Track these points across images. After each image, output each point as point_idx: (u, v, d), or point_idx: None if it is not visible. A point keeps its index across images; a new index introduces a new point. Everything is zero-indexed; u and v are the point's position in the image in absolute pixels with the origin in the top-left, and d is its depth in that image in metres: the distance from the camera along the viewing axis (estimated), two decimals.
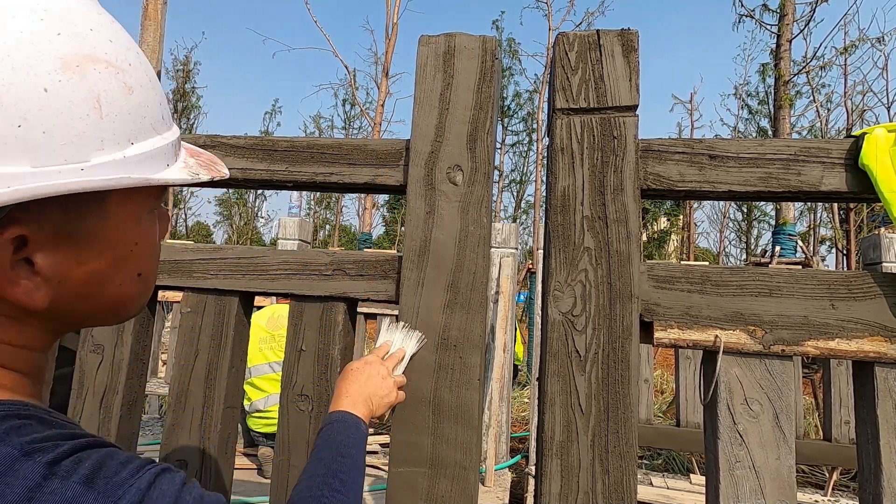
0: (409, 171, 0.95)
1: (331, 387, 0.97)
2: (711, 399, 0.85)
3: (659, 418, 6.03)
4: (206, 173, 0.50)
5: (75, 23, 0.40)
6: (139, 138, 0.44)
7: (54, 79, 0.38)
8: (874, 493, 0.81)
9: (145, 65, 0.46)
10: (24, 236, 0.40)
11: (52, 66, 0.38)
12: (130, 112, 0.43)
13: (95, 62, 0.40)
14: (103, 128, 0.41)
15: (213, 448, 0.99)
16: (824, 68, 11.97)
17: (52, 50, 0.38)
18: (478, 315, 0.90)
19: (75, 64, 0.39)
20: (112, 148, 0.41)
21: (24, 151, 0.37)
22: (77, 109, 0.39)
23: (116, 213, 0.45)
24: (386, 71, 14.01)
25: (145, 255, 0.50)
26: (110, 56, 0.42)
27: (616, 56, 0.90)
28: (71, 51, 0.39)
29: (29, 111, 0.37)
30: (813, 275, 0.84)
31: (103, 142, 0.41)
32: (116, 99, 0.42)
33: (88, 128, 0.39)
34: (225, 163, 1.04)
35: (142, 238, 0.49)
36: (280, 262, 1.01)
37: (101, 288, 0.47)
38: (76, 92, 0.39)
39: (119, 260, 0.47)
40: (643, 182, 0.89)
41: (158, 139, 0.46)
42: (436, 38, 0.98)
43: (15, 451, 0.38)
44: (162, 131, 0.47)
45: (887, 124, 0.84)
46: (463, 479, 0.86)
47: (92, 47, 0.40)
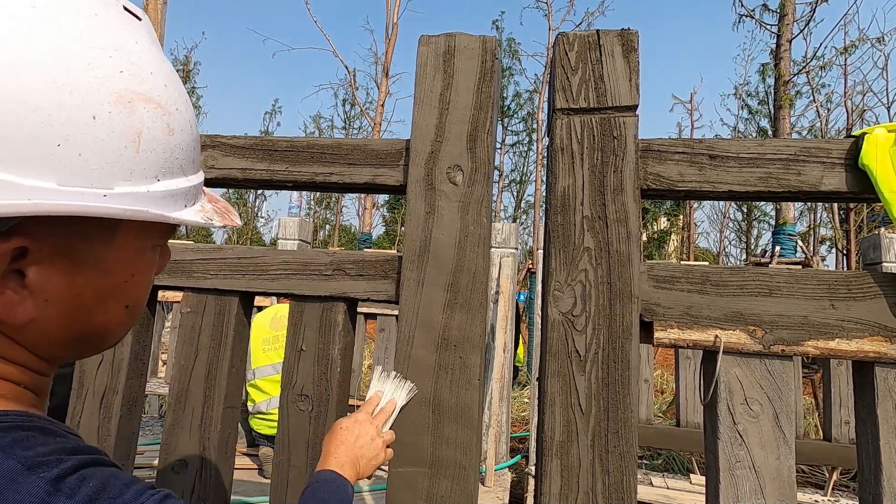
0: (409, 171, 0.95)
1: (331, 387, 0.97)
2: (711, 399, 0.85)
3: (659, 418, 6.03)
4: (219, 220, 0.51)
5: (139, 64, 0.43)
6: (166, 177, 0.45)
7: (105, 109, 0.40)
8: (874, 493, 0.81)
9: (190, 112, 0.49)
10: (26, 248, 0.40)
11: (106, 98, 0.40)
12: (165, 152, 0.45)
13: (147, 101, 0.43)
14: (136, 161, 0.42)
15: (213, 448, 0.99)
16: (824, 68, 11.97)
17: (111, 84, 0.40)
18: (478, 315, 0.90)
19: (128, 100, 0.41)
20: (138, 181, 0.43)
21: (54, 169, 0.38)
22: (117, 141, 0.40)
23: (123, 242, 0.46)
24: (386, 71, 14.01)
25: (139, 288, 0.50)
26: (161, 98, 0.44)
27: (616, 56, 0.90)
28: (128, 87, 0.41)
29: (73, 133, 0.38)
30: (813, 275, 0.84)
31: (132, 174, 0.42)
32: (156, 138, 0.44)
33: (122, 159, 0.41)
34: (225, 163, 1.04)
35: (139, 271, 0.49)
36: (280, 262, 1.01)
37: (86, 314, 0.46)
38: (121, 125, 0.41)
39: (112, 289, 0.47)
40: (643, 182, 0.89)
41: (184, 180, 0.48)
42: (436, 38, 0.98)
43: (18, 464, 0.38)
44: (189, 174, 0.49)
45: (887, 124, 0.84)
46: (463, 479, 0.86)
47: (148, 88, 0.43)
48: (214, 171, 1.04)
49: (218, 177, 1.04)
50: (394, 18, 13.88)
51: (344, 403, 1.00)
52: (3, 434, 0.40)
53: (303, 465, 0.95)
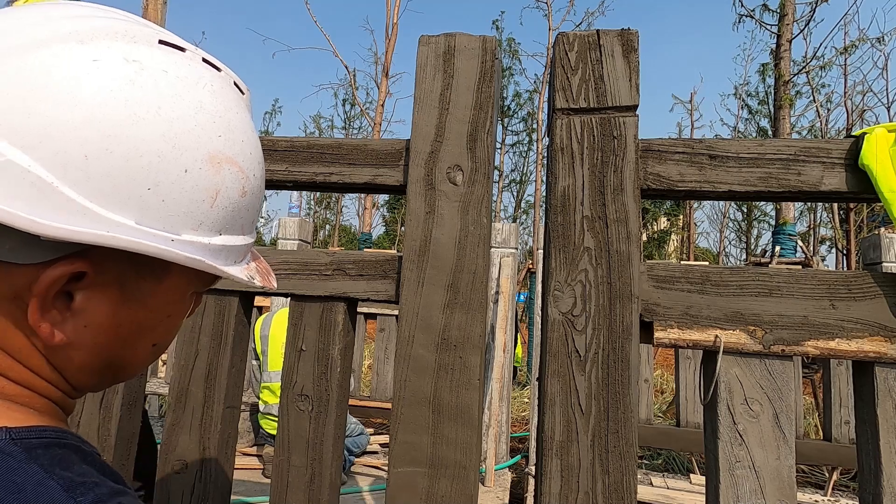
0: (409, 171, 0.95)
1: (331, 387, 0.97)
2: (711, 399, 0.85)
3: (659, 418, 6.03)
4: (259, 281, 0.55)
5: (234, 131, 0.48)
6: (227, 232, 0.49)
7: (197, 166, 0.44)
8: (874, 493, 0.81)
9: (262, 180, 0.54)
10: (85, 273, 0.42)
11: (201, 156, 0.44)
12: (234, 211, 0.49)
13: (232, 164, 0.47)
14: (207, 215, 0.46)
15: (213, 448, 0.99)
16: (824, 68, 11.97)
17: (209, 144, 0.45)
18: (478, 315, 0.90)
19: (218, 161, 0.46)
20: (204, 232, 0.46)
21: (137, 209, 0.41)
22: (198, 194, 0.44)
23: (170, 283, 0.48)
24: (386, 71, 14.01)
25: (169, 329, 0.52)
26: (244, 164, 0.49)
27: (616, 56, 0.90)
28: (221, 150, 0.46)
29: (164, 181, 0.42)
30: (813, 275, 0.84)
31: (200, 225, 0.46)
32: (231, 197, 0.48)
33: (197, 211, 0.45)
34: None
35: (175, 313, 0.51)
36: (280, 262, 1.01)
37: (118, 346, 0.48)
38: (206, 181, 0.45)
39: (147, 325, 0.49)
40: (643, 182, 0.89)
41: (240, 239, 0.52)
42: (436, 38, 0.98)
43: (58, 486, 0.38)
44: (246, 234, 0.53)
45: (887, 124, 0.84)
46: (463, 479, 0.86)
47: (236, 153, 0.48)
48: None
49: None
50: (394, 18, 13.88)
51: (344, 403, 1.00)
52: (44, 451, 0.40)
53: (303, 466, 0.95)
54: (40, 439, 0.41)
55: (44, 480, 0.38)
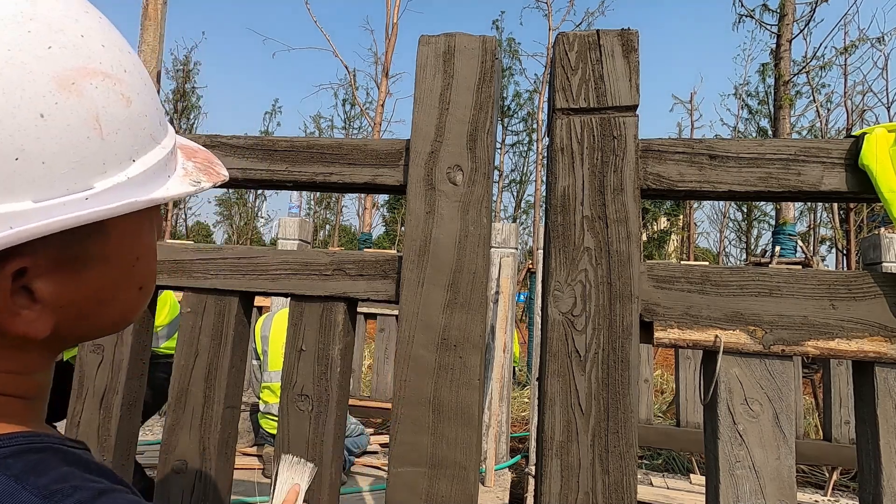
0: (409, 171, 0.95)
1: (331, 387, 0.97)
2: (711, 399, 0.85)
3: (659, 418, 6.03)
4: (206, 179, 0.48)
5: (64, 30, 0.36)
6: (140, 153, 0.41)
7: (50, 101, 0.34)
8: (874, 493, 0.81)
9: (138, 66, 0.42)
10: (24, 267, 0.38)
11: (46, 88, 0.34)
12: (130, 126, 0.40)
13: (91, 75, 0.37)
14: (105, 149, 0.38)
15: (213, 448, 0.99)
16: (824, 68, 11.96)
17: (44, 67, 0.34)
18: (478, 315, 0.90)
19: (70, 81, 0.35)
20: (114, 169, 0.39)
21: (24, 186, 0.34)
22: (77, 134, 0.35)
23: (117, 232, 0.43)
24: (386, 71, 14.01)
25: (146, 267, 0.48)
26: (105, 65, 0.38)
27: (616, 56, 0.90)
28: (64, 65, 0.35)
29: (26, 142, 0.33)
30: (813, 275, 0.84)
31: (105, 164, 0.38)
32: (115, 114, 0.38)
33: (89, 152, 0.36)
34: (225, 163, 1.04)
35: (143, 252, 0.47)
36: (280, 262, 1.01)
37: (104, 306, 0.45)
38: (74, 114, 0.35)
39: (121, 277, 0.45)
40: (643, 182, 0.89)
41: (158, 150, 0.44)
42: (436, 38, 0.98)
43: (33, 496, 0.35)
44: (160, 139, 0.44)
45: (887, 124, 0.84)
46: (463, 479, 0.86)
47: (86, 57, 0.37)
48: None
49: None
50: (394, 18, 13.88)
51: (344, 403, 1.00)
52: (15, 459, 0.37)
53: None
54: (10, 448, 0.38)
55: (16, 492, 0.35)
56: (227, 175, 0.53)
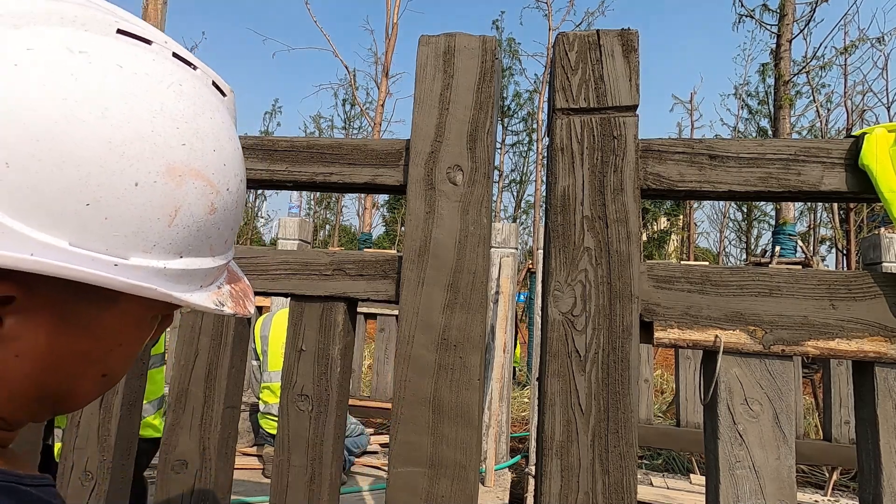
0: (409, 171, 0.95)
1: (331, 387, 0.97)
2: (711, 399, 0.85)
3: (659, 418, 6.03)
4: (230, 307, 0.47)
5: (204, 139, 0.40)
6: (191, 254, 0.42)
7: (151, 179, 0.36)
8: (874, 493, 0.81)
9: (241, 194, 0.45)
10: (13, 297, 0.36)
11: (156, 168, 0.37)
12: (199, 229, 0.41)
13: (198, 177, 0.40)
14: (164, 236, 0.38)
15: (213, 448, 0.99)
16: (824, 68, 11.97)
17: (168, 155, 0.37)
18: (478, 315, 0.90)
19: (178, 173, 0.38)
20: (159, 255, 0.39)
21: (73, 228, 0.34)
22: (152, 212, 0.37)
23: (121, 311, 0.41)
24: (386, 71, 14.01)
25: (123, 358, 0.45)
26: (214, 177, 0.41)
27: (616, 56, 0.90)
28: (184, 161, 0.38)
29: (107, 196, 0.35)
30: (813, 275, 0.84)
31: (154, 247, 0.38)
32: (195, 215, 0.40)
33: (150, 231, 0.37)
34: None
35: (130, 341, 0.44)
36: (280, 262, 1.01)
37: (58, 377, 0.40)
38: (162, 197, 0.37)
39: (94, 355, 0.42)
40: (643, 182, 0.89)
41: (208, 260, 0.44)
42: (436, 38, 0.98)
43: None
44: (216, 254, 0.45)
45: (887, 124, 0.84)
46: (463, 479, 0.86)
47: (204, 165, 0.40)
48: None
49: None
50: (394, 18, 13.88)
51: (344, 403, 1.00)
52: None
53: (303, 465, 0.95)
54: None
55: None
56: (252, 311, 0.53)
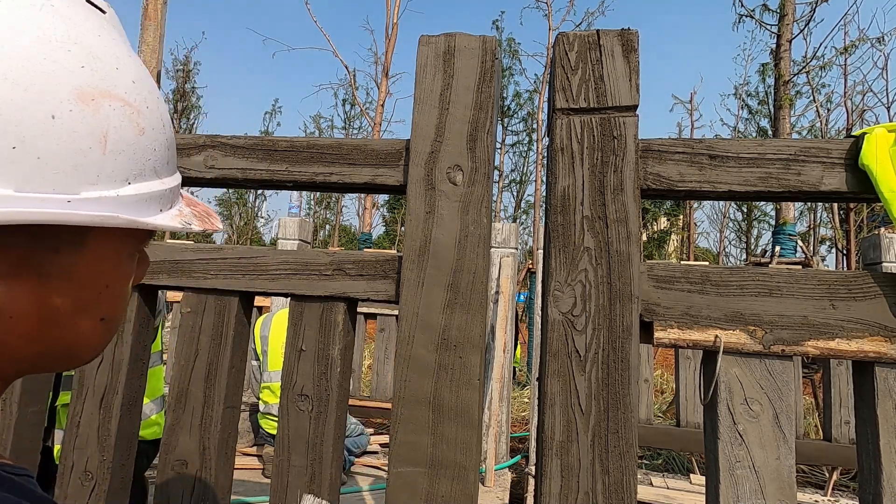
0: (409, 171, 0.95)
1: (331, 387, 0.97)
2: (711, 399, 0.85)
3: (659, 418, 6.03)
4: (198, 224, 0.48)
5: (102, 58, 0.40)
6: (138, 179, 0.42)
7: (65, 108, 0.36)
8: (874, 493, 0.81)
9: (163, 110, 0.46)
10: None
11: (66, 96, 0.37)
12: (136, 152, 0.41)
13: (112, 98, 0.39)
14: (103, 164, 0.39)
15: (213, 448, 0.99)
16: (824, 68, 11.97)
17: (71, 80, 0.37)
18: (478, 315, 0.90)
19: (91, 97, 0.38)
20: (107, 185, 0.39)
21: (11, 174, 0.35)
22: (80, 142, 0.37)
23: (95, 250, 0.42)
24: (386, 71, 14.01)
25: (115, 299, 0.46)
26: (129, 96, 0.41)
27: (616, 56, 0.90)
28: (90, 83, 0.38)
29: (29, 135, 0.35)
30: (813, 275, 0.84)
31: (99, 177, 0.39)
32: (124, 138, 0.40)
33: (87, 162, 0.38)
34: (225, 163, 1.04)
35: (115, 281, 0.45)
36: (280, 262, 1.01)
37: (56, 329, 0.42)
38: (84, 125, 0.37)
39: (84, 301, 0.43)
40: (643, 182, 0.89)
41: (157, 183, 0.44)
42: (436, 38, 0.98)
43: None
44: (163, 176, 0.46)
45: (887, 124, 0.84)
46: (463, 479, 0.86)
47: (113, 84, 0.40)
48: (214, 171, 1.04)
49: (218, 177, 1.04)
50: (394, 18, 13.88)
51: (344, 403, 1.00)
52: None
53: (303, 466, 0.95)
54: None
55: None
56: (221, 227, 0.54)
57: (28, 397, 1.08)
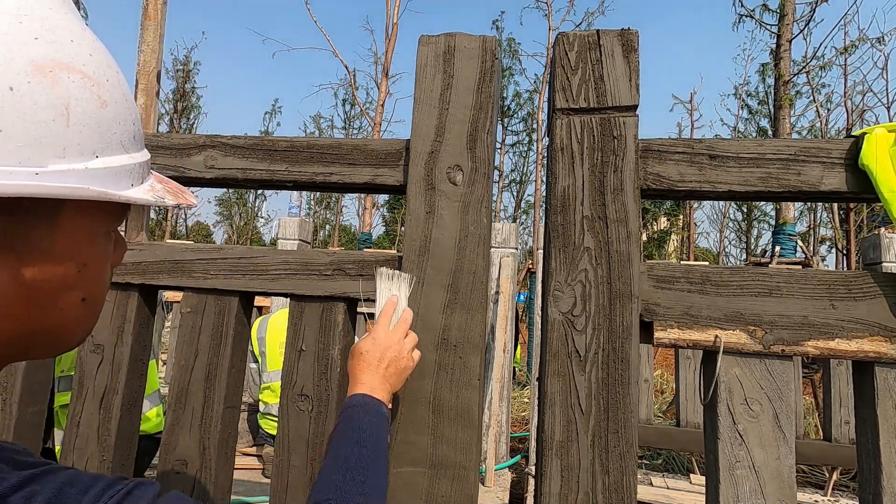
0: (409, 171, 0.95)
1: (331, 387, 0.97)
2: (711, 399, 0.85)
3: (659, 418, 6.03)
4: (171, 198, 0.48)
5: (55, 30, 0.39)
6: (105, 153, 0.42)
7: (23, 80, 0.36)
8: (874, 493, 0.81)
9: (123, 84, 0.45)
10: None
11: (22, 68, 0.36)
12: (100, 125, 0.42)
13: (71, 71, 0.39)
14: (68, 136, 0.39)
15: (213, 448, 0.99)
16: (824, 68, 11.97)
17: (26, 52, 0.37)
18: (478, 315, 0.90)
19: (48, 69, 0.38)
20: (74, 158, 0.39)
21: None
22: (42, 114, 0.37)
23: (69, 227, 0.42)
24: (386, 71, 14.01)
25: (94, 278, 0.46)
26: (87, 68, 0.41)
27: (616, 56, 0.90)
28: (46, 55, 0.38)
29: None
30: (813, 275, 0.84)
31: (65, 150, 0.39)
32: (87, 110, 0.40)
33: (51, 134, 0.38)
34: (225, 163, 1.04)
35: (93, 259, 0.45)
36: (280, 262, 1.01)
37: (37, 310, 0.42)
38: (44, 96, 0.37)
39: (63, 280, 0.43)
40: (643, 182, 0.89)
41: (126, 157, 0.44)
42: (436, 38, 0.98)
43: None
44: (131, 151, 0.45)
45: (887, 124, 0.84)
46: (463, 479, 0.86)
47: (70, 57, 0.40)
48: (214, 171, 1.04)
49: (218, 177, 1.04)
50: (394, 18, 13.88)
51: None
52: None
53: (303, 466, 0.95)
54: None
55: None
56: (196, 202, 0.54)
57: (28, 397, 1.08)
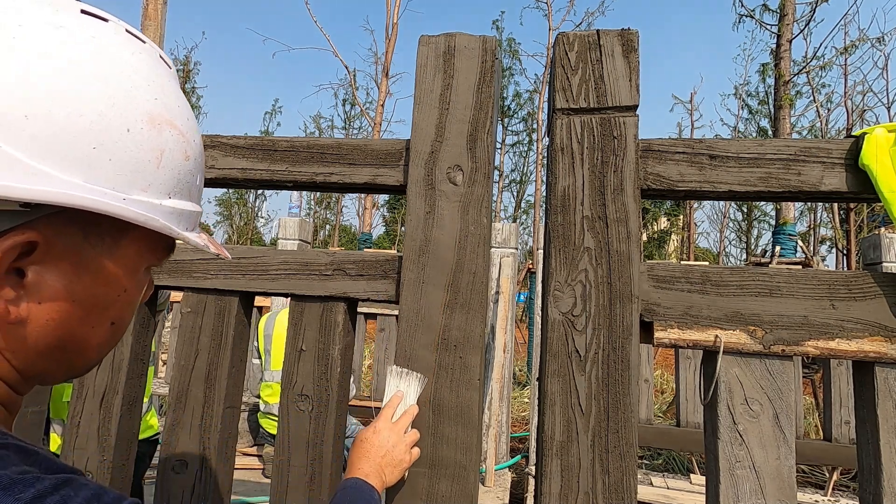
0: (409, 171, 0.95)
1: (331, 387, 0.97)
2: (711, 399, 0.85)
3: (659, 418, 6.03)
4: (213, 248, 0.57)
5: (168, 96, 0.50)
6: (176, 196, 0.51)
7: (139, 125, 0.46)
8: (874, 493, 0.81)
9: (201, 146, 0.55)
10: (36, 243, 0.42)
11: (140, 117, 0.46)
12: (180, 174, 0.50)
13: (172, 127, 0.49)
14: (155, 176, 0.47)
15: (213, 448, 0.99)
16: (824, 68, 11.97)
17: (146, 107, 0.47)
18: (478, 315, 0.90)
19: (157, 122, 0.47)
20: (154, 193, 0.47)
21: (85, 168, 0.42)
22: (143, 155, 0.46)
23: (124, 254, 0.48)
24: (386, 71, 14.01)
25: (127, 304, 0.51)
26: (183, 128, 0.51)
27: (616, 56, 0.90)
28: (159, 112, 0.48)
29: (107, 140, 0.43)
30: (813, 275, 0.84)
31: (149, 186, 0.47)
32: (175, 159, 0.49)
33: (144, 171, 0.46)
34: (225, 163, 1.04)
35: (132, 287, 0.51)
36: (280, 262, 1.01)
37: (73, 323, 0.47)
38: (149, 142, 0.46)
39: (104, 300, 0.48)
40: (643, 182, 0.89)
41: (190, 205, 0.53)
42: (436, 38, 0.98)
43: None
44: (194, 200, 0.54)
45: (887, 124, 0.84)
46: (463, 479, 0.86)
47: (174, 116, 0.50)
48: (214, 171, 1.04)
49: (218, 177, 1.04)
50: (394, 18, 13.88)
51: (344, 403, 1.00)
52: None
53: (303, 466, 0.95)
54: None
55: None
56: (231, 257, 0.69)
57: (28, 398, 1.09)
